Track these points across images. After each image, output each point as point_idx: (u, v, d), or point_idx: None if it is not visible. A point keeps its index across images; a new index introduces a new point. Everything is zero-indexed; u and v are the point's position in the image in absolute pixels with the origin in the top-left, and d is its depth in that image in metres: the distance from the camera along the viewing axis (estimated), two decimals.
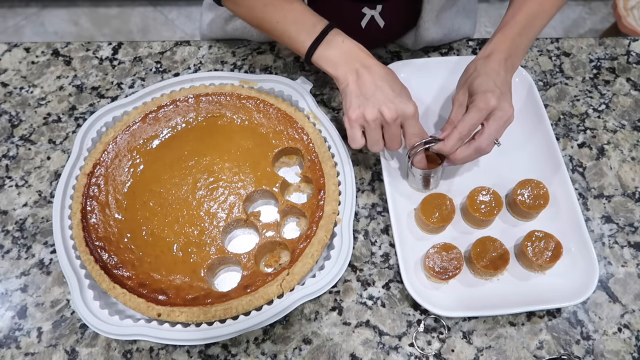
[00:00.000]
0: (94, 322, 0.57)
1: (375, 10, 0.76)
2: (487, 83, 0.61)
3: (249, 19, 0.69)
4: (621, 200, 0.72)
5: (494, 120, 0.60)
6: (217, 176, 0.67)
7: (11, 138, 0.77)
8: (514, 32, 0.65)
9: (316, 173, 0.67)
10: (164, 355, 0.61)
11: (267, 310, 0.58)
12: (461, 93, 0.64)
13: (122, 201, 0.65)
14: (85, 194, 0.65)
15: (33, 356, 0.61)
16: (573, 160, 0.75)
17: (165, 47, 0.86)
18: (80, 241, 0.62)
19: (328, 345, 0.61)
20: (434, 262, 0.63)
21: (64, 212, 0.65)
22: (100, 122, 0.71)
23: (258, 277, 0.60)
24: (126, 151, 0.69)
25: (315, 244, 0.62)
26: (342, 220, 0.64)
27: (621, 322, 0.63)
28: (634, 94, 0.82)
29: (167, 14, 2.12)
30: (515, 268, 0.65)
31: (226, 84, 0.74)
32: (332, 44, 0.63)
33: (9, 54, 0.85)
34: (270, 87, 0.74)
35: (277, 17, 0.65)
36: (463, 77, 0.66)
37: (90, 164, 0.67)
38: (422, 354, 0.61)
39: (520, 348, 0.61)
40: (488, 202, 0.66)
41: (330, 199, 0.64)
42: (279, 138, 0.70)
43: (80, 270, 0.61)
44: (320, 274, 0.60)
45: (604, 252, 0.68)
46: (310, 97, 0.73)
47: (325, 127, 0.70)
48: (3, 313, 0.63)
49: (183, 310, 0.58)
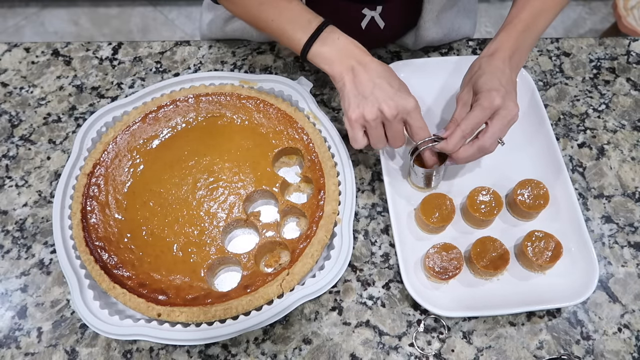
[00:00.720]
0: (94, 322, 0.57)
1: (375, 11, 0.76)
2: (492, 81, 0.60)
3: (245, 18, 0.69)
4: (621, 200, 0.72)
5: (498, 120, 0.59)
6: (217, 176, 0.67)
7: (11, 138, 0.77)
8: (518, 29, 0.65)
9: (316, 173, 0.67)
10: (164, 355, 0.61)
11: (267, 310, 0.58)
12: (465, 91, 0.64)
13: (122, 201, 0.65)
14: (85, 194, 0.65)
15: (33, 356, 0.61)
16: (573, 160, 0.75)
17: (165, 47, 0.86)
18: (80, 241, 0.62)
19: (328, 345, 0.61)
20: (434, 262, 0.63)
21: (64, 212, 0.65)
22: (100, 122, 0.71)
23: (258, 277, 0.60)
24: (126, 151, 0.69)
25: (315, 244, 0.62)
26: (342, 220, 0.63)
27: (621, 322, 0.63)
28: (634, 94, 0.82)
29: (167, 14, 2.12)
30: (515, 268, 0.65)
31: (226, 84, 0.74)
32: (328, 41, 0.63)
33: (9, 54, 0.85)
34: (271, 87, 0.74)
35: (272, 15, 0.65)
36: (467, 75, 0.66)
37: (90, 164, 0.67)
38: (422, 354, 0.61)
39: (520, 348, 0.61)
40: (488, 202, 0.66)
41: (330, 199, 0.64)
42: (279, 138, 0.70)
43: (80, 270, 0.60)
44: (320, 274, 0.60)
45: (604, 252, 0.68)
46: (310, 97, 0.73)
47: (325, 127, 0.70)
48: (3, 313, 0.63)
49: (183, 310, 0.58)
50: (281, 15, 0.64)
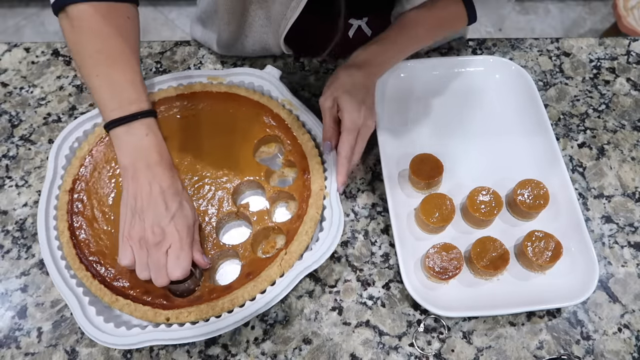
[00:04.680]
0: (103, 337, 0.56)
1: (362, 20, 0.76)
2: (354, 100, 0.63)
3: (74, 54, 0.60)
4: (621, 200, 0.72)
5: (361, 139, 0.65)
6: (201, 174, 0.67)
7: (11, 138, 0.77)
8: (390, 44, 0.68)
9: (298, 155, 0.68)
10: (164, 355, 0.61)
11: (271, 290, 0.59)
12: (329, 100, 0.65)
13: (108, 213, 0.64)
14: (69, 211, 0.64)
15: (33, 356, 0.61)
16: (573, 160, 0.75)
17: (165, 47, 0.86)
18: (73, 259, 0.60)
19: (328, 345, 0.61)
20: (434, 262, 0.63)
21: (49, 234, 0.63)
22: (71, 138, 0.69)
23: (258, 264, 0.61)
24: (104, 163, 0.67)
25: (308, 222, 0.63)
26: (330, 193, 0.65)
27: (621, 322, 0.63)
28: (634, 94, 0.82)
29: (167, 14, 2.12)
30: (515, 268, 0.65)
31: (195, 83, 0.74)
32: (134, 132, 0.58)
33: (9, 54, 0.85)
34: (240, 79, 0.75)
35: (101, 70, 0.58)
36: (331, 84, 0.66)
37: (69, 181, 0.66)
38: (422, 354, 0.61)
39: (520, 348, 0.61)
40: (488, 202, 0.66)
41: (315, 178, 0.66)
42: (256, 128, 0.71)
43: (77, 288, 0.59)
44: (316, 246, 0.62)
45: (604, 252, 0.68)
46: (282, 84, 0.74)
47: (302, 111, 0.72)
48: (3, 313, 0.63)
49: (191, 310, 0.58)
50: (109, 76, 0.59)
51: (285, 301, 0.64)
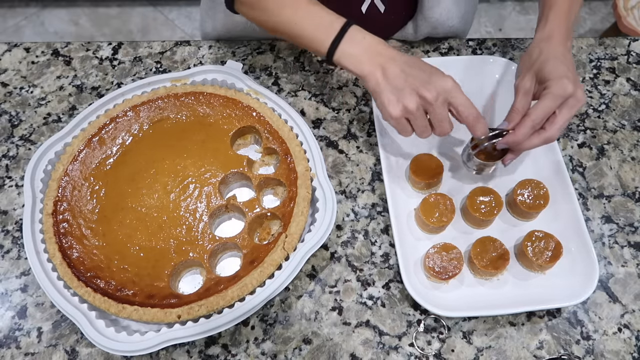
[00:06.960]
0: (119, 347, 0.56)
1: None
2: (560, 68, 0.58)
3: (264, 23, 0.67)
4: (621, 200, 0.72)
5: (567, 109, 0.57)
6: (183, 174, 0.67)
7: (11, 138, 0.77)
8: (563, 10, 0.63)
9: (277, 141, 0.69)
10: (164, 355, 0.61)
11: (279, 275, 0.59)
12: (527, 79, 0.61)
13: (97, 228, 0.63)
14: (56, 232, 0.63)
15: (33, 356, 0.61)
16: (573, 160, 0.75)
17: (165, 47, 0.86)
18: (71, 278, 0.60)
19: (328, 345, 0.61)
20: (434, 262, 0.63)
21: (41, 258, 0.62)
22: (43, 161, 0.68)
23: (259, 250, 0.61)
24: (82, 180, 0.67)
25: (301, 202, 0.64)
26: (317, 174, 0.66)
27: (621, 322, 0.63)
28: (634, 94, 0.82)
29: (167, 14, 2.12)
30: (515, 268, 0.65)
31: (158, 88, 0.74)
32: (353, 41, 0.61)
33: (9, 54, 0.85)
34: (202, 78, 0.75)
35: (293, 18, 0.64)
36: (526, 61, 0.63)
37: (50, 204, 0.64)
38: (422, 354, 0.61)
39: (520, 348, 0.61)
40: (488, 202, 0.66)
41: (299, 160, 0.67)
42: (229, 122, 0.71)
43: (82, 305, 0.59)
44: (315, 227, 0.62)
45: (604, 252, 0.68)
46: (244, 75, 0.74)
47: (270, 99, 0.72)
48: (3, 313, 0.63)
49: (201, 303, 0.58)
50: (303, 19, 0.63)
51: (285, 301, 0.64)
